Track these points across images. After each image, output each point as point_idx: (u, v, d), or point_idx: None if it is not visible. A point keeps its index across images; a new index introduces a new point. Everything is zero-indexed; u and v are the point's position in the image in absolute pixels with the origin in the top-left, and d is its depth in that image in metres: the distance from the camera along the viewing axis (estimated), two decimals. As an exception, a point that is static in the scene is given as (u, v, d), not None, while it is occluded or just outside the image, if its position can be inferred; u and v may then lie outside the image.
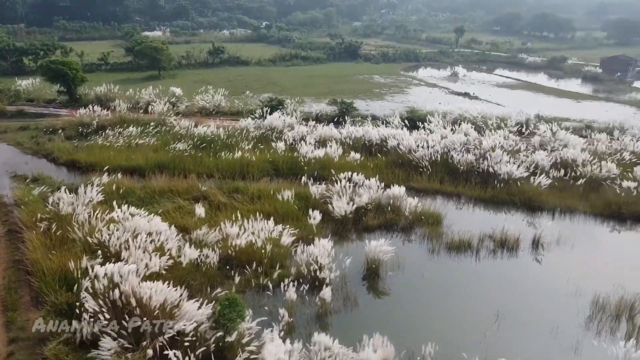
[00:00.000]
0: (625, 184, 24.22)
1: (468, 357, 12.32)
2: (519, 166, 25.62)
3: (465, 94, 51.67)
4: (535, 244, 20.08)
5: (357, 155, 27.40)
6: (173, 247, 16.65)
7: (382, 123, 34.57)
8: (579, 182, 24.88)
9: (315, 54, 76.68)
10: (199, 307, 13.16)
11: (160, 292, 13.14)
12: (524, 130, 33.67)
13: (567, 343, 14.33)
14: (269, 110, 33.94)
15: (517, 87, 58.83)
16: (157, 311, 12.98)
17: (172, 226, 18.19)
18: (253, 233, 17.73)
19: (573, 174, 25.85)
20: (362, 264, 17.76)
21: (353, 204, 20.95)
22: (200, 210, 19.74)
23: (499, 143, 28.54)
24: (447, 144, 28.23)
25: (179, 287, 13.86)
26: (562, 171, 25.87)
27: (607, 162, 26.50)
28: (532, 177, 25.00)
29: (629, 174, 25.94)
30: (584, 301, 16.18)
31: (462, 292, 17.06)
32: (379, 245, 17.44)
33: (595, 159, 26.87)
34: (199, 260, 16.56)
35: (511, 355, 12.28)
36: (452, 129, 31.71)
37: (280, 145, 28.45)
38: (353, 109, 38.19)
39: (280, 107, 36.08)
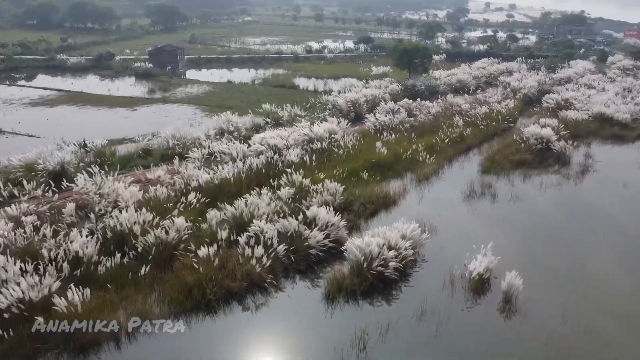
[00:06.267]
0: (201, 252, 17.51)
1: None
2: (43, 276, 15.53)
3: (-17, 128, 36.79)
4: None
5: None
6: None
7: None
8: (144, 269, 16.77)
9: None
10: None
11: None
12: (53, 188, 21.74)
13: None
14: None
15: (59, 102, 46.79)
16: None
17: None
18: None
19: (133, 253, 17.73)
20: None
21: None
22: None
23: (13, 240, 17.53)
24: None
25: None
26: (117, 255, 17.29)
27: (173, 219, 19.39)
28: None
29: (202, 225, 19.79)
30: None
31: None
32: None
33: (154, 217, 19.45)
34: None
35: None
36: None
37: None
38: None
39: None
